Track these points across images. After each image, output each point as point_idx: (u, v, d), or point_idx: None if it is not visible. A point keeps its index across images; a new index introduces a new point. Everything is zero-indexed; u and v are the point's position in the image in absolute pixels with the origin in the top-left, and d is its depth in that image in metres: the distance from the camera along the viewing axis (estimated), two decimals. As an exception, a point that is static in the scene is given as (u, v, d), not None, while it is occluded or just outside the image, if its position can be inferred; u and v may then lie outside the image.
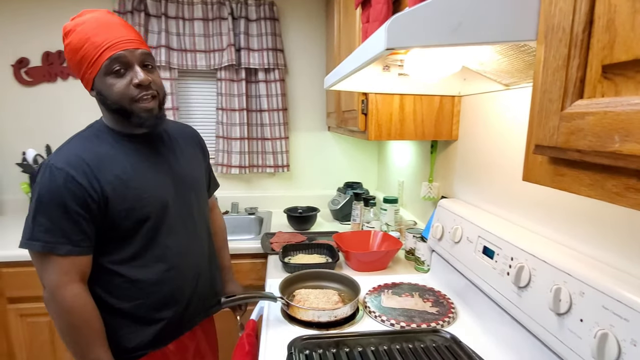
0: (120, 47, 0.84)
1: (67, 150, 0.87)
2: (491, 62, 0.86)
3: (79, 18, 0.87)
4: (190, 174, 1.05)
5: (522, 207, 0.99)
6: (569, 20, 0.36)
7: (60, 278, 0.83)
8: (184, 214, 1.00)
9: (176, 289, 0.97)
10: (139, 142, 0.94)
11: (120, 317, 0.92)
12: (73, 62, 0.87)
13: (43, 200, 0.82)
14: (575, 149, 0.35)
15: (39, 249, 0.82)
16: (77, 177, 0.83)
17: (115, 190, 0.86)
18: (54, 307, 0.85)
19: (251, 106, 2.17)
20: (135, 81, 0.85)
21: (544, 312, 0.74)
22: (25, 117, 2.08)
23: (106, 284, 0.91)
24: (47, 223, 0.82)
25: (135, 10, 1.96)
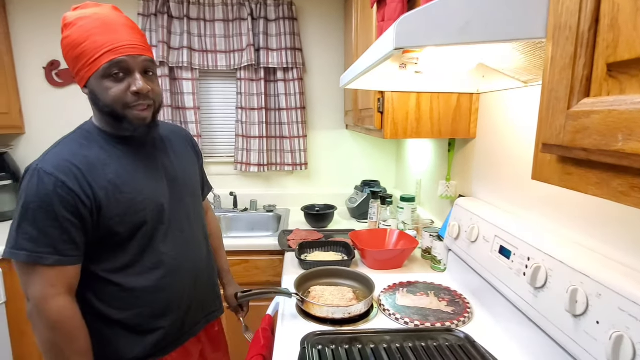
0: (123, 51, 0.79)
1: (55, 154, 0.81)
2: (508, 59, 0.85)
3: (81, 10, 0.82)
4: (185, 176, 1.00)
5: (541, 207, 0.97)
6: (576, 18, 0.35)
7: (46, 290, 0.77)
8: (180, 217, 0.96)
9: (174, 296, 0.93)
10: (131, 145, 0.89)
11: (118, 327, 0.87)
12: (70, 56, 0.81)
13: (30, 206, 0.76)
14: (581, 148, 0.35)
15: (24, 259, 0.76)
16: (68, 182, 0.77)
17: (108, 196, 0.82)
18: (37, 322, 0.79)
19: (270, 105, 2.20)
20: (134, 89, 0.81)
21: (560, 314, 0.73)
22: (55, 116, 2.19)
23: (101, 293, 0.86)
24: (33, 231, 0.76)
25: (158, 12, 2.02)
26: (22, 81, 2.14)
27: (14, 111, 2.09)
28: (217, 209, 2.22)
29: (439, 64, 0.95)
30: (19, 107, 2.13)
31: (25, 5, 2.08)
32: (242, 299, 1.06)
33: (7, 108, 2.04)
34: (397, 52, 0.50)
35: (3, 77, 2.01)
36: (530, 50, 0.74)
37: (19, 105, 2.13)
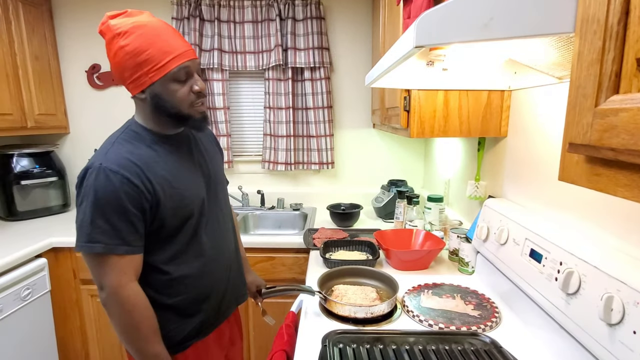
0: (187, 56, 0.88)
1: (115, 152, 0.87)
2: (540, 54, 0.81)
3: (132, 19, 0.86)
4: (216, 172, 1.09)
5: (575, 209, 0.92)
6: (604, 11, 0.34)
7: (120, 278, 0.85)
8: (216, 209, 1.05)
9: (214, 282, 1.02)
10: (173, 144, 0.97)
11: (168, 312, 0.95)
12: (130, 63, 0.85)
13: (100, 202, 0.83)
14: (608, 148, 0.33)
15: (100, 251, 0.83)
16: (132, 179, 0.84)
17: (164, 190, 0.89)
18: (115, 308, 0.86)
19: (297, 104, 2.22)
20: (196, 88, 0.90)
21: (594, 322, 0.69)
22: (96, 117, 2.32)
23: (154, 282, 0.94)
24: (105, 225, 0.83)
25: (191, 16, 2.09)
26: (66, 84, 2.28)
27: (60, 112, 2.24)
28: (245, 206, 2.27)
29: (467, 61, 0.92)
30: (64, 109, 2.28)
31: (70, 13, 2.21)
32: (266, 294, 1.08)
33: (54, 109, 2.18)
34: (418, 50, 0.49)
35: (50, 81, 2.15)
36: (564, 45, 0.71)
37: (64, 107, 2.28)
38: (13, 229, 1.87)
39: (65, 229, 1.87)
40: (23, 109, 1.94)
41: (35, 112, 2.03)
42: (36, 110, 2.03)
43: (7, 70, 1.84)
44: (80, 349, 1.84)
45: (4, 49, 1.82)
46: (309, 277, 1.31)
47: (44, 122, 2.09)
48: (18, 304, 1.52)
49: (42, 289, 1.64)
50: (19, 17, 1.92)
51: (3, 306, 1.45)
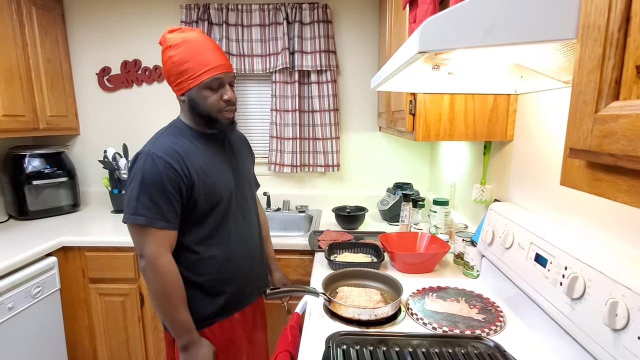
0: (221, 69, 1.04)
1: (161, 142, 1.04)
2: (545, 59, 0.81)
3: (182, 34, 1.04)
4: (245, 169, 1.23)
5: (581, 214, 0.92)
6: (604, 18, 0.34)
7: (158, 249, 0.99)
8: (242, 203, 1.19)
9: (239, 266, 1.16)
10: (210, 140, 1.13)
11: (196, 289, 1.09)
12: (174, 71, 1.03)
13: (146, 182, 0.98)
14: (608, 153, 0.34)
15: (142, 222, 0.98)
16: (174, 164, 1.00)
17: (199, 177, 1.04)
18: (151, 274, 0.99)
19: (303, 107, 2.23)
20: (225, 97, 1.06)
21: (599, 327, 0.69)
22: (106, 119, 2.35)
23: (185, 260, 1.07)
24: (148, 202, 0.98)
25: (199, 19, 2.12)
26: (77, 86, 2.32)
27: (71, 114, 2.28)
28: (251, 208, 2.29)
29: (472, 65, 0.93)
30: (74, 110, 2.32)
31: (81, 17, 2.25)
32: (271, 295, 1.08)
33: (65, 111, 2.22)
34: (421, 56, 0.50)
35: (61, 83, 2.19)
36: (570, 50, 0.71)
37: (74, 109, 2.32)
38: (24, 228, 1.91)
39: (75, 228, 1.91)
40: (35, 110, 1.98)
41: (47, 113, 2.07)
42: (48, 112, 2.07)
43: (20, 73, 1.88)
44: (89, 346, 1.87)
45: (18, 52, 1.87)
46: (313, 279, 1.32)
47: (55, 123, 2.13)
48: (29, 302, 1.54)
49: (52, 287, 1.67)
50: (32, 21, 1.96)
51: (14, 303, 1.48)
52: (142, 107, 2.33)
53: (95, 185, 2.41)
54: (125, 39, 2.27)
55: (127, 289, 1.79)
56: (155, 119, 2.33)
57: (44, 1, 2.05)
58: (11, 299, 1.46)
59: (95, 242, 1.75)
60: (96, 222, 2.03)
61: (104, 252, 1.76)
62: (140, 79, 2.30)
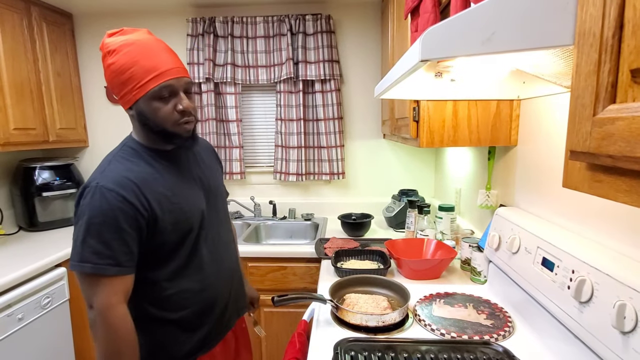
0: (171, 74, 0.87)
1: (112, 170, 0.87)
2: (546, 64, 0.82)
3: (122, 37, 0.88)
4: (215, 185, 1.08)
5: (587, 217, 0.92)
6: (599, 25, 0.35)
7: (110, 299, 0.83)
8: (216, 222, 1.04)
9: (216, 294, 1.01)
10: (170, 158, 0.97)
11: (171, 327, 0.94)
12: (116, 81, 0.87)
13: (94, 221, 0.81)
14: (606, 155, 0.35)
15: (89, 271, 0.81)
16: (128, 197, 0.84)
17: (161, 207, 0.89)
18: (101, 329, 0.83)
19: (308, 116, 2.26)
20: (180, 107, 0.89)
21: (607, 330, 0.69)
22: (114, 131, 2.40)
23: (156, 298, 0.93)
24: (96, 245, 0.81)
25: (205, 32, 2.17)
26: (86, 99, 2.37)
27: (80, 126, 2.32)
28: (257, 216, 2.30)
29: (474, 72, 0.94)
30: (83, 123, 2.36)
31: (90, 32, 2.31)
32: (279, 303, 1.09)
33: (74, 124, 2.27)
34: (423, 64, 0.52)
35: (71, 97, 2.24)
36: (569, 55, 0.72)
37: (83, 121, 2.37)
38: (34, 239, 1.93)
39: (83, 239, 1.93)
40: (45, 123, 2.02)
41: (57, 126, 2.11)
42: (58, 125, 2.12)
43: (31, 87, 1.93)
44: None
45: (29, 66, 1.92)
46: (320, 286, 1.33)
47: (64, 136, 2.17)
48: (38, 312, 1.56)
49: (61, 298, 1.68)
50: (43, 36, 2.02)
51: (24, 314, 1.49)
52: (149, 118, 2.36)
53: (104, 196, 2.44)
54: (132, 52, 2.32)
55: (135, 298, 1.80)
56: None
57: (54, 17, 2.11)
58: (21, 310, 1.48)
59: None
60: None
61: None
62: (147, 91, 2.34)
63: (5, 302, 1.42)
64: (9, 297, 1.43)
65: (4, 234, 2.02)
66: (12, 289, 1.46)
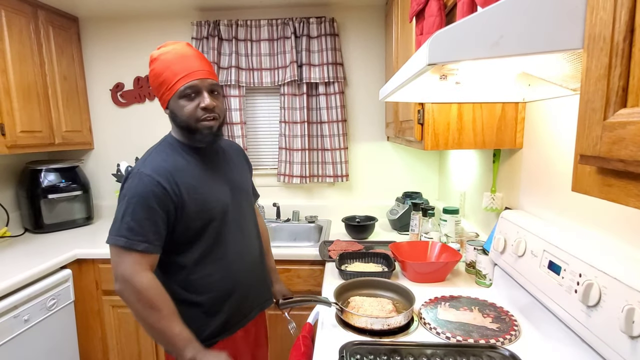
0: (194, 76, 0.99)
1: (151, 160, 1.02)
2: (553, 67, 0.82)
3: (163, 48, 1.04)
4: (241, 182, 1.19)
5: (593, 219, 0.91)
6: (609, 29, 0.35)
7: (134, 267, 0.94)
8: (239, 216, 1.14)
9: (237, 283, 1.11)
10: (202, 154, 1.09)
11: (193, 309, 1.04)
12: (154, 84, 1.03)
13: (132, 201, 0.95)
14: (617, 159, 0.35)
15: (122, 244, 0.93)
16: (162, 182, 0.97)
17: (189, 194, 1.01)
18: (130, 292, 0.93)
19: (312, 118, 2.26)
20: (202, 105, 1.00)
21: (616, 334, 0.68)
22: (119, 134, 2.41)
23: (182, 280, 1.05)
24: (131, 222, 0.94)
25: (210, 36, 2.18)
26: (91, 102, 2.39)
27: (85, 129, 2.34)
28: (261, 219, 2.30)
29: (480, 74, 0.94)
30: (89, 125, 2.38)
31: (96, 36, 2.33)
32: (283, 305, 1.09)
33: (80, 126, 2.28)
34: (430, 67, 0.52)
35: (77, 100, 2.26)
36: (577, 58, 0.72)
37: (89, 124, 2.38)
38: (40, 241, 1.94)
39: (88, 241, 1.94)
40: (52, 126, 2.04)
41: (63, 129, 2.13)
42: (63, 128, 2.13)
43: (37, 90, 1.94)
44: (102, 359, 1.88)
45: (36, 70, 1.93)
46: (324, 289, 1.32)
47: (70, 138, 2.19)
48: (44, 314, 1.57)
49: (66, 299, 1.69)
50: (49, 40, 2.04)
51: (30, 316, 1.50)
52: (154, 121, 2.38)
53: (109, 199, 2.46)
54: (137, 55, 2.33)
55: (140, 300, 1.80)
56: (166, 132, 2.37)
57: (60, 21, 2.13)
58: (27, 311, 1.49)
59: (108, 255, 1.77)
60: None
61: (117, 264, 1.78)
62: (152, 94, 2.35)
63: (12, 303, 1.42)
64: (15, 299, 1.44)
65: (10, 236, 2.04)
66: (18, 291, 1.47)
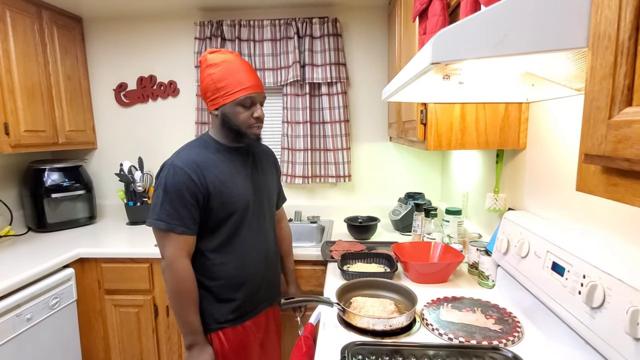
0: (254, 89, 1.14)
1: (184, 154, 1.15)
2: (557, 67, 0.82)
3: (221, 55, 1.15)
4: (266, 184, 1.30)
5: (597, 220, 0.91)
6: (614, 27, 0.35)
7: (176, 252, 1.09)
8: (259, 215, 1.26)
9: (250, 275, 1.22)
10: (234, 154, 1.22)
11: (206, 293, 1.17)
12: (212, 86, 1.13)
13: (167, 190, 1.09)
14: (623, 158, 0.34)
15: (163, 227, 1.08)
16: (192, 174, 1.10)
17: (215, 187, 1.13)
18: (169, 275, 1.10)
19: (314, 119, 2.26)
20: (256, 115, 1.16)
21: (620, 336, 0.67)
22: (122, 133, 2.42)
23: (199, 264, 1.16)
24: (169, 208, 1.08)
25: (213, 36, 2.18)
26: (95, 102, 2.40)
27: (89, 128, 2.34)
28: (263, 219, 2.30)
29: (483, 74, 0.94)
30: (92, 125, 2.39)
31: (100, 36, 2.34)
32: (285, 305, 1.09)
33: (83, 126, 2.29)
34: (434, 66, 0.51)
35: (80, 99, 2.27)
36: (581, 57, 0.71)
37: (92, 123, 2.39)
38: (43, 240, 1.95)
39: (91, 240, 1.94)
40: (55, 126, 2.05)
41: (66, 128, 2.13)
42: (67, 127, 2.14)
43: (42, 90, 1.95)
44: (104, 358, 1.88)
45: (40, 69, 1.94)
46: (327, 289, 1.32)
47: (73, 138, 2.20)
48: (46, 313, 1.57)
49: (69, 298, 1.70)
50: (53, 40, 2.05)
51: (33, 314, 1.51)
52: (157, 121, 2.39)
53: (111, 198, 2.46)
54: (141, 55, 2.34)
55: (142, 300, 1.81)
56: (169, 132, 2.39)
57: (64, 21, 2.14)
58: (30, 310, 1.49)
59: (111, 254, 1.78)
60: (112, 234, 2.07)
61: (120, 263, 1.78)
62: (155, 94, 2.36)
63: (14, 302, 1.43)
64: (18, 298, 1.44)
65: (13, 235, 2.05)
66: (21, 289, 1.48)
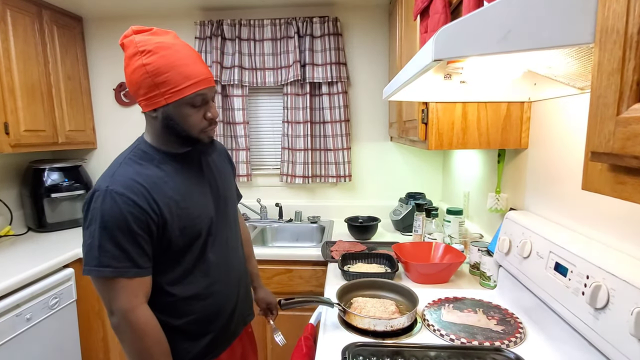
0: (206, 84, 0.88)
1: (121, 175, 0.86)
2: (560, 65, 0.81)
3: (157, 38, 0.86)
4: (226, 189, 1.07)
5: (601, 220, 0.90)
6: (623, 21, 0.34)
7: (131, 301, 0.83)
8: (225, 228, 1.03)
9: (221, 301, 1.00)
10: (182, 162, 0.95)
11: (174, 333, 0.93)
12: (147, 81, 0.84)
13: (107, 225, 0.81)
14: (632, 155, 0.34)
15: (110, 275, 0.81)
16: (138, 201, 0.83)
17: (170, 211, 0.88)
18: (127, 332, 0.84)
19: (315, 118, 2.25)
20: (209, 115, 0.91)
21: (625, 337, 0.67)
22: (122, 133, 2.41)
23: (160, 303, 0.91)
24: (112, 249, 0.81)
25: (213, 35, 2.17)
26: (95, 102, 2.39)
27: (88, 128, 2.34)
28: (263, 219, 2.30)
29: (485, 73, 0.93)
30: (92, 125, 2.38)
31: (100, 36, 2.34)
32: (286, 306, 1.08)
33: (84, 126, 2.28)
34: (436, 63, 0.51)
35: (80, 99, 2.26)
36: (585, 55, 0.71)
37: (92, 123, 2.38)
38: (42, 240, 1.95)
39: (91, 240, 1.93)
40: (55, 125, 2.04)
41: (66, 128, 2.13)
42: (67, 127, 2.13)
43: (42, 89, 1.95)
44: (103, 359, 1.87)
45: (40, 69, 1.94)
46: (327, 290, 1.31)
47: (73, 137, 2.19)
48: (46, 313, 1.56)
49: (68, 299, 1.69)
50: (53, 39, 2.04)
51: (32, 314, 1.50)
52: (157, 120, 2.38)
53: (111, 198, 2.45)
54: (141, 55, 2.33)
55: (142, 300, 1.80)
56: (169, 132, 2.38)
57: (64, 21, 2.13)
58: (29, 310, 1.49)
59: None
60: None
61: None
62: (155, 93, 2.35)
63: (14, 302, 1.42)
64: (17, 297, 1.44)
65: (13, 235, 2.04)
66: (21, 289, 1.47)
